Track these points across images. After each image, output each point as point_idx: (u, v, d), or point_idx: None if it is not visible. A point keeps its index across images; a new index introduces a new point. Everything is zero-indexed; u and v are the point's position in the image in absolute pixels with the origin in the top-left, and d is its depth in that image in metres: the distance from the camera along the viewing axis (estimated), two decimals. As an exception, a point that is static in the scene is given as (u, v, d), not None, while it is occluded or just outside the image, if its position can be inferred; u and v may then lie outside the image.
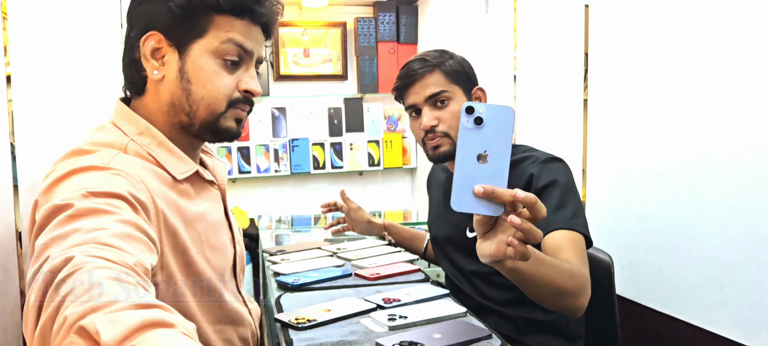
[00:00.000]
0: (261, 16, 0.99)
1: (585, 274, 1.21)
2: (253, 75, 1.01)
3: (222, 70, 0.97)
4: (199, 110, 0.97)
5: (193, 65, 0.95)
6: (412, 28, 3.52)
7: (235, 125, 1.01)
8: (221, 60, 0.96)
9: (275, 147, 3.46)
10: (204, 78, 0.96)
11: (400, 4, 3.50)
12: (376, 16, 3.52)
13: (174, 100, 0.96)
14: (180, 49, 0.95)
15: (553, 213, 1.27)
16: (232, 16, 0.96)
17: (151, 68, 0.95)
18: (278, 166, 3.46)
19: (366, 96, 3.59)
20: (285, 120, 3.50)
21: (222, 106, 0.97)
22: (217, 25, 0.95)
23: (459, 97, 1.43)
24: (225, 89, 0.97)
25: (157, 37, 0.94)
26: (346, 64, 3.58)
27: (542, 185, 1.31)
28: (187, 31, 0.94)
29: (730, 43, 1.29)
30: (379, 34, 3.51)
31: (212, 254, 1.00)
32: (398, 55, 3.54)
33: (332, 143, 3.54)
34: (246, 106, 1.02)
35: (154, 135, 0.96)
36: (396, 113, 3.66)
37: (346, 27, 3.55)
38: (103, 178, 0.82)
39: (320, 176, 3.59)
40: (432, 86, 1.40)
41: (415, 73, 1.42)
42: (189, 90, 0.96)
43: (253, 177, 3.44)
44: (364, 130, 3.59)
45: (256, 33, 1.00)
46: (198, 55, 0.95)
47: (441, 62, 1.42)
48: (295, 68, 3.51)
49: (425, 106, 1.42)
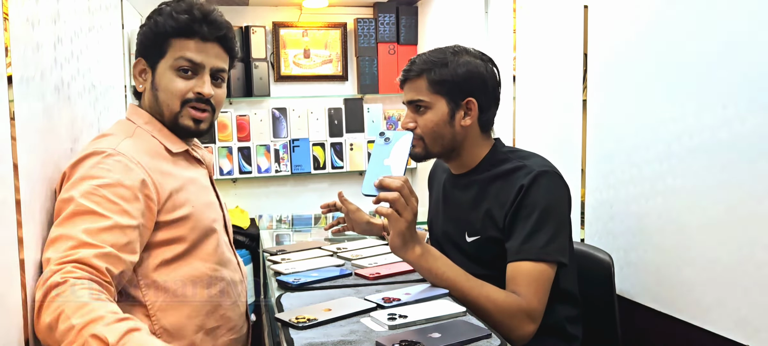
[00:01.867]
0: (208, 35, 1.29)
1: (523, 307, 1.29)
2: (205, 81, 1.30)
3: (176, 79, 1.29)
4: (164, 110, 1.31)
5: (158, 78, 1.31)
6: (411, 28, 3.53)
7: (192, 123, 1.32)
8: (176, 72, 1.29)
9: (276, 147, 3.47)
10: (164, 86, 1.30)
11: (400, 5, 3.50)
12: (376, 17, 3.52)
13: (151, 105, 1.33)
14: (152, 68, 1.31)
15: (524, 241, 1.33)
16: (184, 38, 1.28)
17: (138, 83, 1.35)
18: (279, 166, 3.47)
19: (366, 96, 3.60)
20: (285, 120, 3.50)
21: (176, 105, 1.30)
22: (173, 47, 1.29)
23: (440, 107, 1.43)
24: (177, 92, 1.29)
25: (141, 61, 1.33)
26: (346, 65, 3.59)
27: (524, 203, 1.35)
28: (154, 55, 1.30)
29: (730, 43, 1.29)
30: (379, 34, 3.51)
31: (206, 208, 1.33)
32: (398, 55, 3.54)
33: (333, 144, 3.55)
34: (201, 106, 1.31)
35: (155, 124, 1.33)
36: (396, 114, 3.67)
37: (346, 28, 3.56)
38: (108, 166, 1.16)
39: (321, 176, 3.59)
40: (412, 92, 1.46)
41: (407, 74, 1.47)
42: (157, 96, 1.31)
43: (254, 177, 3.44)
44: (364, 130, 3.59)
45: (210, 48, 1.30)
46: (162, 71, 1.30)
47: (430, 69, 1.42)
48: (296, 69, 3.52)
49: (409, 108, 1.49)
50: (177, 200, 1.26)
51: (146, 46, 1.31)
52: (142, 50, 1.32)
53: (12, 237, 1.04)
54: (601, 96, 1.76)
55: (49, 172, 1.24)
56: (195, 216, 1.29)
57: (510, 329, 1.29)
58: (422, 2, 3.43)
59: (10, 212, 1.04)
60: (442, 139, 1.45)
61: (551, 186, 1.36)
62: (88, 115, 1.56)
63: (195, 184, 1.33)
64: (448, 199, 1.56)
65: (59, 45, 1.32)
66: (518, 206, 1.35)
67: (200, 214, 1.30)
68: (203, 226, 1.30)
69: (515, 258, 1.33)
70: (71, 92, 1.40)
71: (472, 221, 1.45)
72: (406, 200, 1.24)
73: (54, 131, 1.28)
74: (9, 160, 1.03)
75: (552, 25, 2.00)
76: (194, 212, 1.29)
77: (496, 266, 1.39)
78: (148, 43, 1.30)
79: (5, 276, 1.02)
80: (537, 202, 1.34)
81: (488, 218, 1.42)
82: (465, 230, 1.48)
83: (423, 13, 3.45)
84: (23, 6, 1.11)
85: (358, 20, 3.51)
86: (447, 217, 1.56)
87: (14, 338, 1.04)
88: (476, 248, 1.45)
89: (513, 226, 1.36)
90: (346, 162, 3.56)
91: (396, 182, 1.24)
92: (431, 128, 1.44)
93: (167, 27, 1.28)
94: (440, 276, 1.32)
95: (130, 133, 1.29)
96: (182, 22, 1.27)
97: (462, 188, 1.51)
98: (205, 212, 1.32)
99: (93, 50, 1.63)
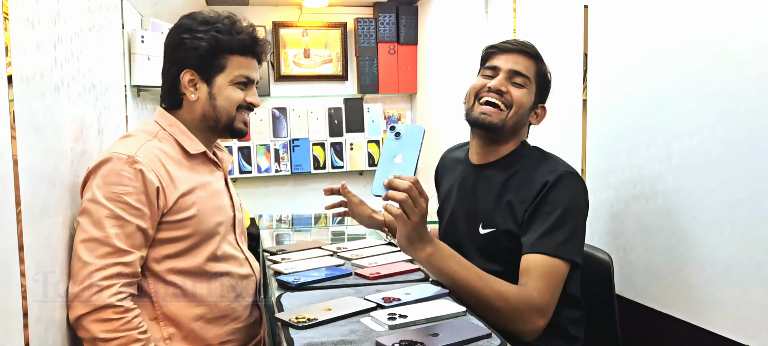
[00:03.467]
0: (259, 54, 1.48)
1: (532, 301, 1.28)
2: (254, 93, 1.50)
3: (237, 90, 1.45)
4: (222, 116, 1.46)
5: (217, 90, 1.44)
6: (412, 28, 3.53)
7: (243, 126, 1.50)
8: (236, 85, 1.45)
9: (276, 147, 3.47)
10: (225, 96, 1.45)
11: (400, 5, 3.50)
12: (376, 17, 3.52)
13: (205, 113, 1.46)
14: (208, 81, 1.44)
15: (542, 236, 1.34)
16: (240, 56, 1.44)
17: (189, 93, 1.44)
18: (279, 166, 3.47)
19: (366, 96, 3.60)
20: (286, 120, 3.50)
21: (234, 112, 1.46)
22: (231, 63, 1.44)
23: (531, 95, 1.48)
24: (237, 101, 1.46)
25: (191, 73, 1.43)
26: (346, 65, 3.59)
27: (546, 199, 1.36)
28: (212, 69, 1.43)
29: (729, 43, 1.29)
30: (379, 34, 3.51)
31: (213, 211, 1.43)
32: (398, 55, 3.54)
33: (333, 143, 3.55)
34: (249, 113, 1.51)
35: (178, 126, 1.45)
36: (396, 113, 3.67)
37: (346, 27, 3.56)
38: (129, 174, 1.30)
39: (321, 175, 3.59)
40: (522, 66, 1.47)
41: (520, 47, 1.49)
42: (215, 105, 1.45)
43: (254, 177, 3.44)
44: (364, 130, 3.59)
45: (255, 64, 1.49)
46: (221, 84, 1.44)
47: (541, 61, 1.51)
48: (296, 69, 3.52)
49: (503, 75, 1.47)
50: (183, 204, 1.37)
51: (202, 58, 1.41)
52: (196, 63, 1.42)
53: (12, 237, 1.04)
54: (601, 96, 1.76)
55: (49, 171, 1.24)
56: (198, 218, 1.39)
57: (520, 323, 1.29)
58: (422, 2, 3.43)
59: (10, 211, 1.04)
60: (519, 121, 1.47)
61: (575, 188, 1.39)
62: (88, 115, 1.56)
63: (205, 188, 1.44)
64: (466, 189, 1.54)
65: (59, 45, 1.32)
66: (540, 202, 1.36)
67: (204, 216, 1.40)
68: (206, 228, 1.40)
69: (531, 250, 1.34)
70: (71, 92, 1.40)
71: (490, 212, 1.45)
72: (414, 202, 1.22)
73: (54, 131, 1.28)
74: (9, 159, 1.03)
75: (552, 25, 2.00)
76: (198, 215, 1.39)
77: (505, 262, 1.39)
78: (205, 57, 1.41)
79: (5, 276, 1.02)
80: (559, 200, 1.35)
81: (508, 210, 1.42)
82: (480, 221, 1.46)
83: (423, 13, 3.45)
84: (23, 6, 1.11)
85: (358, 20, 3.51)
86: (461, 207, 1.54)
87: (14, 338, 1.04)
88: (489, 240, 1.44)
89: (532, 220, 1.37)
90: (346, 162, 3.56)
91: (405, 183, 1.21)
92: (523, 103, 1.46)
93: (232, 45, 1.42)
94: (451, 275, 1.31)
95: (152, 135, 1.41)
96: (246, 43, 1.44)
97: (485, 179, 1.50)
98: (210, 216, 1.42)
99: (93, 50, 1.62)
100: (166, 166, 1.37)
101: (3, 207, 1.01)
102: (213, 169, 1.50)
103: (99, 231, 1.27)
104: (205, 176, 1.46)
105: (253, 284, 1.55)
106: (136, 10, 2.37)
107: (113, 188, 1.29)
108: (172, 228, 1.36)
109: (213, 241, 1.42)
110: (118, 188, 1.29)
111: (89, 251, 1.27)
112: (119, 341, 1.26)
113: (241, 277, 1.49)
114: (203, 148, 1.47)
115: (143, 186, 1.31)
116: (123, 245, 1.28)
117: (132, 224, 1.29)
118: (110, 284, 1.26)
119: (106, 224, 1.27)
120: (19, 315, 1.07)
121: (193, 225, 1.38)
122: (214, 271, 1.42)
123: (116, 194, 1.29)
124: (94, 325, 1.26)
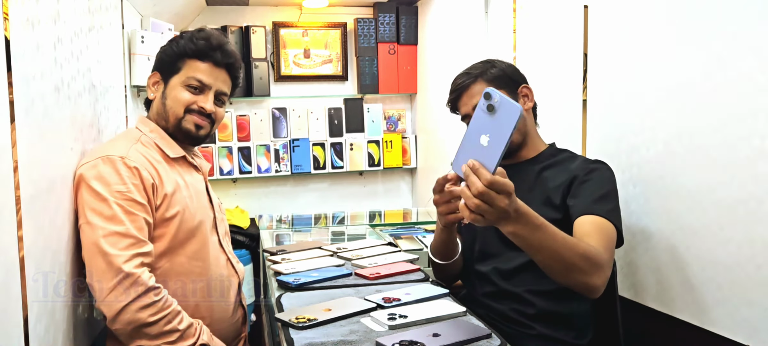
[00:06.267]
0: (220, 61, 1.52)
1: (603, 257, 1.29)
2: (209, 98, 1.52)
3: (185, 91, 1.50)
4: (169, 115, 1.52)
5: (169, 90, 1.52)
6: (411, 28, 3.53)
7: (193, 128, 1.52)
8: (186, 87, 1.50)
9: (276, 147, 3.47)
10: (173, 96, 1.51)
11: (400, 5, 3.50)
12: (376, 17, 3.52)
13: (158, 112, 1.54)
14: (165, 81, 1.53)
15: (595, 202, 1.38)
16: (198, 60, 1.50)
17: (150, 92, 1.56)
18: (279, 166, 3.47)
19: (366, 96, 3.60)
20: (286, 120, 3.50)
21: (180, 112, 1.50)
22: (187, 66, 1.51)
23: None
24: (183, 102, 1.50)
25: (156, 75, 1.55)
26: (347, 65, 3.58)
27: (589, 177, 1.42)
28: (169, 71, 1.52)
29: (729, 43, 1.29)
30: (379, 34, 3.51)
31: (195, 210, 1.50)
32: (398, 55, 3.54)
33: (333, 143, 3.55)
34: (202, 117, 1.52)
35: (158, 132, 1.53)
36: (396, 113, 3.67)
37: (346, 28, 3.56)
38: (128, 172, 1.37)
39: (321, 176, 3.59)
40: (476, 95, 1.48)
41: (461, 86, 1.52)
42: (165, 103, 1.52)
43: (254, 177, 3.44)
44: (364, 130, 3.59)
45: (219, 73, 1.53)
46: (173, 85, 1.52)
47: (482, 72, 1.52)
48: (296, 69, 3.52)
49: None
50: (169, 202, 1.44)
51: (164, 62, 1.53)
52: (159, 66, 1.54)
53: (12, 237, 1.04)
54: (601, 96, 1.76)
55: (49, 172, 1.24)
56: (181, 217, 1.45)
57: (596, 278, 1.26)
58: (422, 2, 3.43)
59: (11, 211, 1.04)
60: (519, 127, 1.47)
61: (612, 173, 1.47)
62: (88, 115, 1.56)
63: (188, 188, 1.51)
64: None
65: (59, 45, 1.32)
66: (585, 179, 1.42)
67: (187, 215, 1.47)
68: (189, 226, 1.46)
69: (587, 211, 1.37)
70: (71, 92, 1.40)
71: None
72: (490, 203, 1.06)
73: (54, 131, 1.28)
74: (9, 159, 1.03)
75: (552, 25, 2.00)
76: (182, 213, 1.45)
77: None
78: (166, 60, 1.52)
79: (5, 276, 1.02)
80: (603, 177, 1.43)
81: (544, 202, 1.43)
82: None
83: (423, 13, 3.45)
84: (23, 6, 1.11)
85: (358, 20, 3.51)
86: None
87: (14, 337, 1.04)
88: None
89: (581, 189, 1.42)
90: (346, 162, 3.56)
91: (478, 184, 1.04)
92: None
93: (186, 49, 1.50)
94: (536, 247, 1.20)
95: (136, 140, 1.47)
96: (200, 47, 1.49)
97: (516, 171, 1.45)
98: (193, 215, 1.48)
99: (93, 50, 1.63)
100: (155, 166, 1.44)
101: (3, 207, 1.01)
102: (192, 172, 1.57)
103: (117, 225, 1.32)
104: (187, 177, 1.53)
105: (235, 285, 1.59)
106: (136, 11, 2.37)
107: (116, 186, 1.35)
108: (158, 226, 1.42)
109: (195, 240, 1.47)
110: (121, 186, 1.35)
111: (112, 244, 1.31)
112: (166, 319, 1.32)
113: (221, 277, 1.54)
114: (182, 152, 1.54)
115: (141, 182, 1.38)
116: (140, 235, 1.35)
117: (140, 217, 1.36)
118: (142, 271, 1.32)
119: (121, 218, 1.33)
120: (19, 315, 1.07)
121: (175, 223, 1.44)
122: (194, 270, 1.47)
123: (121, 192, 1.35)
124: (141, 312, 1.30)
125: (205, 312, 1.49)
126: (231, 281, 1.58)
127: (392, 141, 3.61)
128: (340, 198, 3.63)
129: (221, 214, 1.65)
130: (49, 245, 1.22)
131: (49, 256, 1.22)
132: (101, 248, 1.30)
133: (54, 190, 1.27)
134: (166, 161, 1.49)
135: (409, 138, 3.66)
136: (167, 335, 1.33)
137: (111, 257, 1.29)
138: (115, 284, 1.28)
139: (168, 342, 1.33)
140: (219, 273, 1.53)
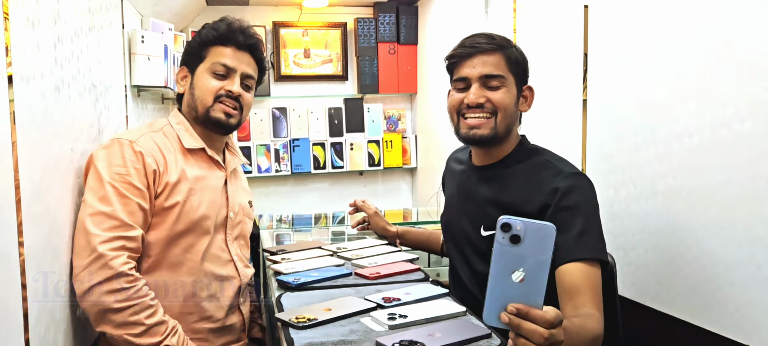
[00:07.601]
0: (242, 43, 1.52)
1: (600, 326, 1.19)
2: (235, 81, 1.51)
3: (211, 79, 1.51)
4: (198, 105, 1.51)
5: (196, 80, 1.53)
6: (412, 28, 3.53)
7: (223, 116, 1.50)
8: (212, 74, 1.51)
9: (276, 147, 3.47)
10: (200, 85, 1.51)
11: (400, 5, 3.50)
12: (376, 17, 3.52)
13: (189, 104, 1.54)
14: (192, 73, 1.54)
15: (577, 239, 1.25)
16: (221, 46, 1.51)
17: (179, 87, 1.58)
18: (279, 166, 3.47)
19: (366, 96, 3.60)
20: (286, 120, 3.50)
21: (210, 100, 1.50)
22: (211, 53, 1.51)
23: (511, 87, 1.38)
24: (211, 89, 1.50)
25: (183, 69, 1.56)
26: (347, 65, 3.59)
27: (566, 204, 1.29)
28: (195, 61, 1.53)
29: (730, 43, 1.29)
30: (379, 34, 3.51)
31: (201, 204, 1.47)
32: (398, 55, 3.54)
33: (333, 143, 3.55)
34: (230, 102, 1.51)
35: (185, 123, 1.54)
36: (396, 113, 3.67)
37: (346, 27, 3.56)
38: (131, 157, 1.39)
39: (321, 175, 3.59)
40: (491, 66, 1.36)
41: (479, 47, 1.37)
42: (193, 93, 1.53)
43: (254, 177, 3.44)
44: (364, 130, 3.59)
45: (242, 55, 1.53)
46: (200, 73, 1.52)
47: (506, 46, 1.39)
48: (296, 69, 3.52)
49: (476, 83, 1.37)
50: (171, 192, 1.43)
51: (189, 54, 1.55)
52: (185, 59, 1.57)
53: (12, 237, 1.04)
54: (601, 96, 1.76)
55: (49, 171, 1.24)
56: (181, 208, 1.43)
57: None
58: (422, 2, 3.43)
59: (11, 211, 1.04)
60: (510, 121, 1.38)
61: (589, 188, 1.33)
62: (88, 115, 1.56)
63: (198, 181, 1.48)
64: (465, 192, 1.51)
65: (59, 45, 1.32)
66: (562, 207, 1.29)
67: (188, 207, 1.45)
68: (189, 219, 1.44)
69: (572, 255, 1.24)
70: (71, 92, 1.40)
71: (490, 214, 1.40)
72: (554, 343, 0.87)
73: (54, 131, 1.28)
74: (9, 160, 1.03)
75: (552, 25, 2.00)
76: (181, 204, 1.43)
77: None
78: (191, 52, 1.54)
79: (5, 276, 1.02)
80: (579, 203, 1.29)
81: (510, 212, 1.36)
82: (481, 223, 1.42)
83: (423, 13, 3.45)
84: (23, 6, 1.11)
85: (358, 20, 3.51)
86: (462, 211, 1.50)
87: (14, 337, 1.04)
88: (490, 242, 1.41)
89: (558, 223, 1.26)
90: (346, 162, 3.56)
91: (539, 331, 0.85)
92: (506, 104, 1.36)
93: (209, 36, 1.52)
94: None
95: (157, 129, 1.50)
96: (221, 32, 1.51)
97: (485, 181, 1.45)
98: (195, 208, 1.45)
99: (93, 50, 1.62)
100: (164, 155, 1.44)
101: (3, 207, 1.01)
102: (213, 167, 1.54)
103: (106, 206, 1.33)
104: (201, 171, 1.51)
105: (234, 287, 1.54)
106: (136, 10, 2.37)
107: (116, 168, 1.37)
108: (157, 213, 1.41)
109: (193, 233, 1.45)
110: (121, 169, 1.37)
111: (95, 224, 1.31)
112: (133, 309, 1.29)
113: (218, 277, 1.51)
114: (201, 144, 1.52)
115: (143, 168, 1.39)
116: (128, 220, 1.34)
117: (134, 202, 1.36)
118: (118, 255, 1.30)
119: (112, 199, 1.33)
120: (19, 315, 1.07)
121: (174, 215, 1.42)
122: (187, 263, 1.45)
123: (120, 175, 1.36)
124: (107, 296, 1.28)
125: (194, 308, 1.46)
126: (230, 281, 1.53)
127: (392, 141, 3.61)
128: (341, 198, 3.63)
129: (242, 216, 1.61)
130: (49, 245, 1.22)
131: (49, 256, 1.22)
132: (85, 226, 1.31)
133: (54, 190, 1.27)
134: (182, 152, 1.49)
135: (409, 138, 3.66)
136: (130, 326, 1.29)
137: (90, 236, 1.29)
138: (88, 263, 1.28)
139: (130, 334, 1.29)
140: (214, 271, 1.49)
